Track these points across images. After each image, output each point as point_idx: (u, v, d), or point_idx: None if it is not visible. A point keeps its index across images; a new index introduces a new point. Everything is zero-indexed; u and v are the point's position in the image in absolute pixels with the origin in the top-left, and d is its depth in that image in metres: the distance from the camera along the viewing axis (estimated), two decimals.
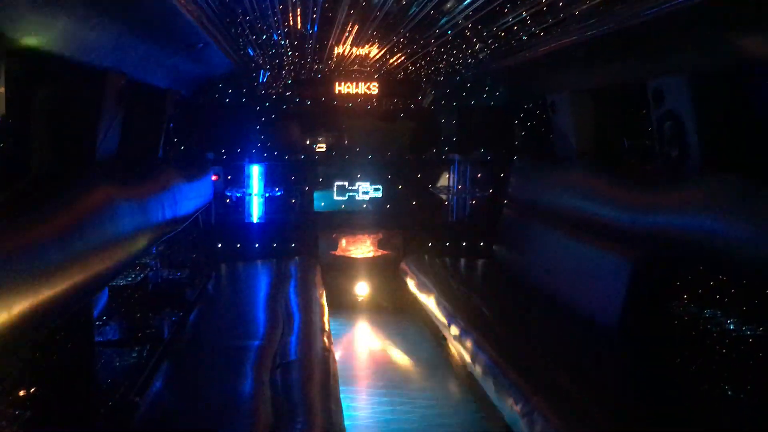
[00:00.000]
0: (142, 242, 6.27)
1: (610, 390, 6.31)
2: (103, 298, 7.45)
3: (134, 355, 7.16)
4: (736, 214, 5.72)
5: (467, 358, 7.97)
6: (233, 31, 7.94)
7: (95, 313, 6.80)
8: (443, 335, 9.56)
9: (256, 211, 12.97)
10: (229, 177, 12.78)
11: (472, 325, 8.32)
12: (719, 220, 5.89)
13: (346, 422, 5.95)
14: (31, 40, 4.75)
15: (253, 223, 12.95)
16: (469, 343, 7.95)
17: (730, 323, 6.79)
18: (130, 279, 7.98)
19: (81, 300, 4.70)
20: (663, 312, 7.32)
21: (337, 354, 8.44)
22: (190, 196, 9.01)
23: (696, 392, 6.23)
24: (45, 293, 3.90)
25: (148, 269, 8.77)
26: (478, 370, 7.51)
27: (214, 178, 12.01)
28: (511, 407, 6.30)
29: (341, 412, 6.05)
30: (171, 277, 10.17)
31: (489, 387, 7.06)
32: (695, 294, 7.27)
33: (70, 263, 4.35)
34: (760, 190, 5.61)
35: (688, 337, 7.01)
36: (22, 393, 5.20)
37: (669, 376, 6.55)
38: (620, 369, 7.11)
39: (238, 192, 12.84)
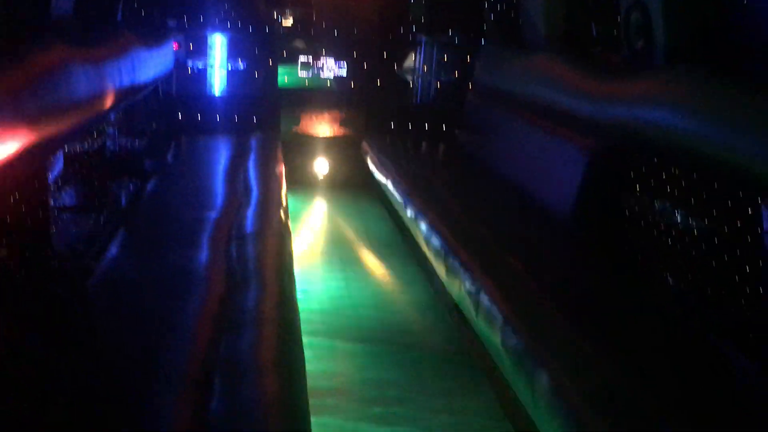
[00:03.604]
0: (97, 107, 6.16)
1: (559, 275, 6.47)
2: (59, 163, 7.36)
3: (91, 222, 7.17)
4: (695, 107, 5.73)
5: (421, 238, 8.11)
6: None
7: (50, 178, 6.74)
8: (400, 215, 9.68)
9: (218, 83, 12.73)
10: (191, 46, 12.47)
11: (428, 206, 8.43)
12: (679, 113, 5.90)
13: (299, 295, 6.07)
14: None
15: (215, 96, 12.73)
16: (423, 224, 8.08)
17: (678, 216, 6.96)
18: (86, 145, 7.88)
19: (32, 162, 4.65)
20: (615, 203, 7.46)
21: (294, 229, 8.51)
22: (150, 64, 8.80)
23: (640, 280, 6.43)
24: None
25: (106, 136, 8.66)
26: (430, 250, 7.66)
27: (174, 46, 11.70)
28: (459, 287, 6.48)
29: (294, 284, 6.18)
30: (129, 146, 10.06)
31: (440, 267, 7.23)
32: (647, 186, 7.41)
33: (21, 123, 4.27)
34: (722, 83, 5.63)
35: (638, 228, 7.18)
36: None
37: (617, 265, 6.73)
38: (571, 256, 7.29)
39: (200, 62, 12.56)
